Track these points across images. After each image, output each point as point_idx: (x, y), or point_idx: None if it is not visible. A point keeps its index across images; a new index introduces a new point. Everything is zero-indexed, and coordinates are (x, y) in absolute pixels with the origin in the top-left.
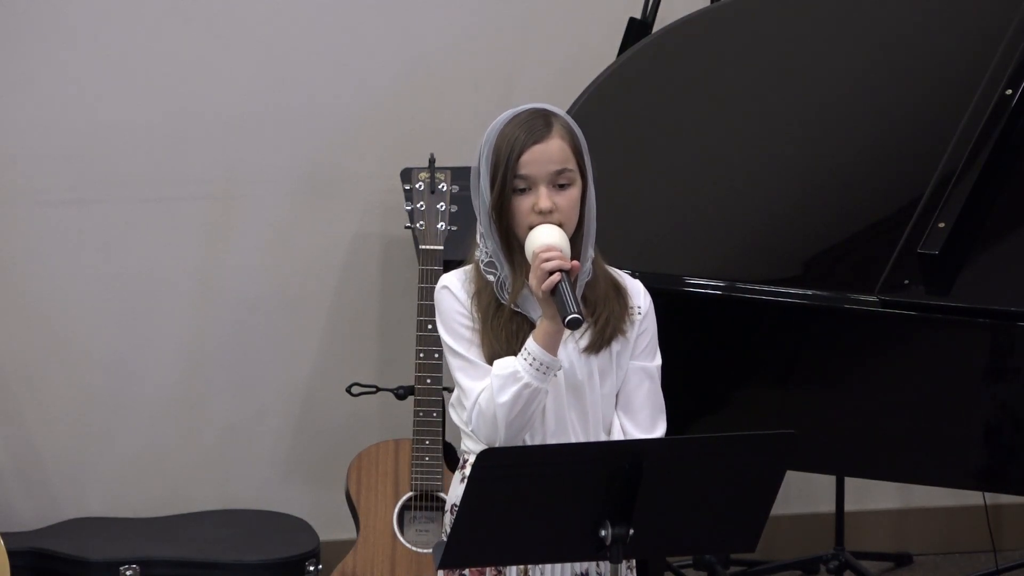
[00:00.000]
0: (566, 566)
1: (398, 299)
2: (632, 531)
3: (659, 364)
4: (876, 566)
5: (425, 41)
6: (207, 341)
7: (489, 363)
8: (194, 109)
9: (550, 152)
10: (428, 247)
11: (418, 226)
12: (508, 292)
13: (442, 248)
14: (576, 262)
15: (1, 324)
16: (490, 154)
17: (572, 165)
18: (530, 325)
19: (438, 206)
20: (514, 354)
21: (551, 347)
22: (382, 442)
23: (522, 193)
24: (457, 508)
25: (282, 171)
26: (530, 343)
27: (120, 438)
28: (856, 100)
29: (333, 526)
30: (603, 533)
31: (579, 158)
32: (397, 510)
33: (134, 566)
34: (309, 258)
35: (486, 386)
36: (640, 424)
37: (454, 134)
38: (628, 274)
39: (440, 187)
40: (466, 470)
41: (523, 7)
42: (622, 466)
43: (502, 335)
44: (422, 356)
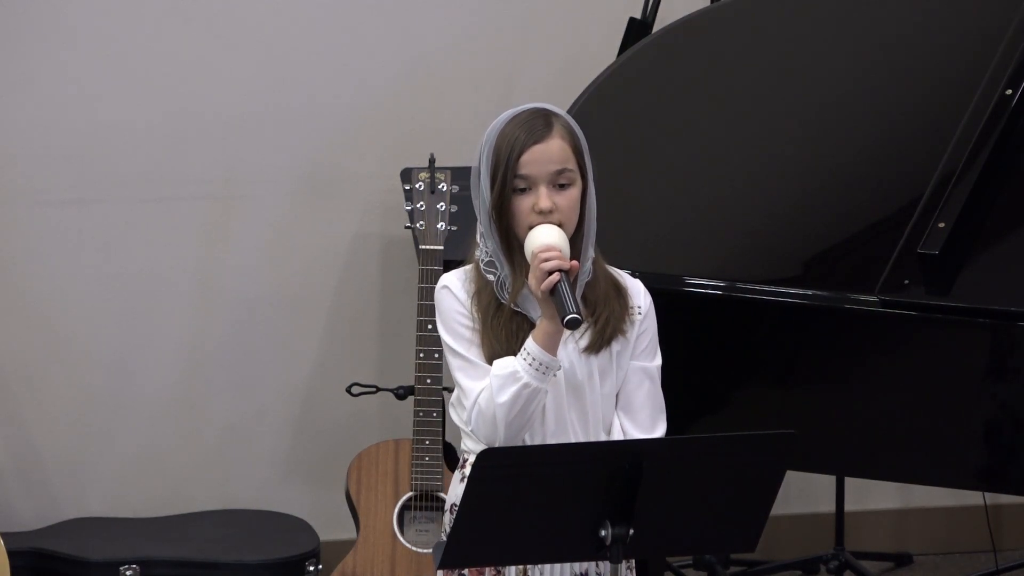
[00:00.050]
0: (566, 566)
1: (398, 299)
2: (632, 531)
3: (659, 364)
4: (876, 566)
5: (425, 41)
6: (207, 341)
7: (489, 363)
8: (194, 109)
9: (550, 152)
10: (428, 247)
11: (418, 226)
12: (508, 292)
13: (442, 248)
14: (575, 262)
15: (1, 324)
16: (490, 154)
17: (572, 165)
18: (530, 325)
19: (438, 206)
20: (514, 354)
21: (550, 347)
22: (382, 442)
23: (522, 193)
24: (457, 508)
25: (282, 171)
26: (529, 343)
27: (120, 438)
28: (856, 100)
29: (333, 526)
30: (603, 533)
31: (579, 158)
32: (397, 510)
33: (134, 566)
34: (309, 258)
35: (486, 386)
36: (640, 424)
37: (454, 134)
38: (628, 274)
39: (440, 187)
40: (466, 470)
41: (523, 7)
42: (622, 466)
43: (502, 335)
44: (422, 356)
